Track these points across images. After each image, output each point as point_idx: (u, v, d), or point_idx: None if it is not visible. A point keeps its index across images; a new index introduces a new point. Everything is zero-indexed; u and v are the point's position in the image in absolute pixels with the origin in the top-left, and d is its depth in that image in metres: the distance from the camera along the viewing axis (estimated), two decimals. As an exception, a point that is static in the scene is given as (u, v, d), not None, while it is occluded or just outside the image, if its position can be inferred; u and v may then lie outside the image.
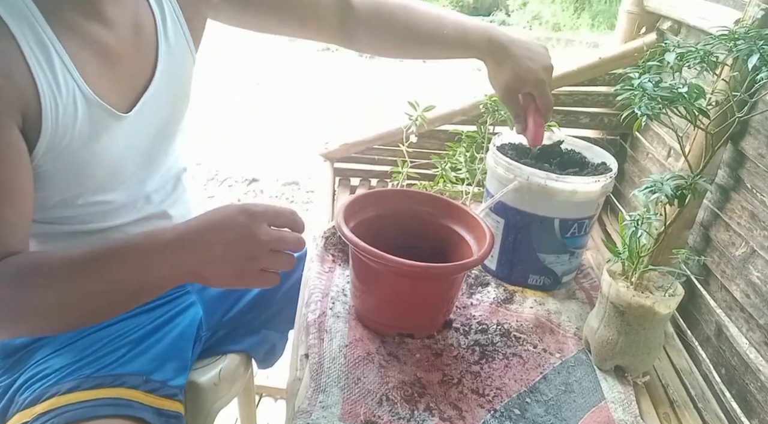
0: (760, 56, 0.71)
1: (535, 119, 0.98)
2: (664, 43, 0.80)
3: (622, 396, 0.85)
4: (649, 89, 0.76)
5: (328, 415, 0.75)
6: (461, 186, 1.19)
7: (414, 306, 0.89)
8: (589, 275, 1.12)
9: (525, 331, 0.94)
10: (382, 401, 0.78)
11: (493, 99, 1.12)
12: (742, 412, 0.88)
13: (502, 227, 1.02)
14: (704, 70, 0.77)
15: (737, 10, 0.97)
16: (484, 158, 1.11)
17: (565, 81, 1.34)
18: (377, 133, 1.39)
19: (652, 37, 1.30)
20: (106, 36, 0.76)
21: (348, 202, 0.92)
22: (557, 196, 0.96)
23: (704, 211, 1.02)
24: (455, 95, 1.39)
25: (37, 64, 0.68)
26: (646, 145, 1.30)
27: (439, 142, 1.36)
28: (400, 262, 0.80)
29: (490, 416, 0.79)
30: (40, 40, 0.69)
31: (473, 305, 1.00)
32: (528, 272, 1.04)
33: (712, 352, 0.97)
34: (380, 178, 1.42)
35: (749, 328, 0.89)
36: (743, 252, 0.92)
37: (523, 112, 0.99)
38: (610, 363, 0.89)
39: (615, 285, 0.84)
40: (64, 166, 0.75)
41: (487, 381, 0.84)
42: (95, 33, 0.75)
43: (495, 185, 1.02)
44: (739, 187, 0.94)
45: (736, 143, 0.94)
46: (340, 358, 0.84)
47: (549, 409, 0.81)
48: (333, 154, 1.41)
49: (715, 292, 0.99)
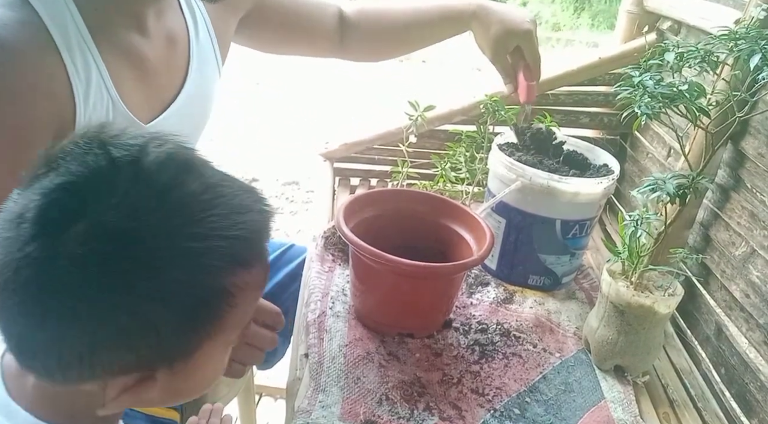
0: (761, 56, 0.71)
1: (525, 75, 1.00)
2: (663, 43, 0.79)
3: (621, 396, 0.85)
4: (650, 87, 0.76)
5: (328, 414, 0.74)
6: (461, 186, 1.19)
7: (414, 306, 0.89)
8: (589, 275, 1.12)
9: (525, 330, 0.94)
10: (381, 401, 0.78)
11: (494, 99, 1.12)
12: (741, 412, 0.88)
13: (504, 227, 1.02)
14: (704, 70, 0.77)
15: (737, 10, 0.97)
16: (484, 158, 1.11)
17: (565, 81, 1.33)
18: (377, 133, 1.39)
19: (652, 37, 1.30)
20: (144, 47, 0.77)
21: (348, 202, 0.92)
22: (560, 198, 0.96)
23: (704, 210, 1.02)
24: (455, 95, 1.39)
25: (77, 78, 0.69)
26: (646, 145, 1.30)
27: (439, 142, 1.36)
28: (399, 262, 0.80)
29: (490, 416, 0.78)
30: (83, 55, 0.69)
31: (473, 304, 1.00)
32: (528, 273, 1.04)
33: (711, 351, 0.97)
34: (380, 178, 1.42)
35: (749, 327, 0.89)
36: (743, 252, 0.92)
37: (513, 72, 1.01)
38: (610, 363, 0.89)
39: (615, 285, 0.84)
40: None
41: (487, 381, 0.84)
42: (134, 44, 0.76)
43: (497, 185, 1.02)
44: (739, 187, 0.94)
45: (736, 143, 0.94)
46: (340, 357, 0.84)
47: (549, 408, 0.81)
48: (333, 154, 1.41)
49: (714, 291, 0.99)
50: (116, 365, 0.44)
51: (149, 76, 0.78)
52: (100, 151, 0.43)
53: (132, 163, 0.43)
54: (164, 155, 0.45)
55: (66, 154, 0.44)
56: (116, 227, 0.41)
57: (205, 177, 0.46)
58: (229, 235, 0.44)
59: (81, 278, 0.40)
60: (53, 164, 0.44)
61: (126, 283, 0.41)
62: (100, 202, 0.41)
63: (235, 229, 0.45)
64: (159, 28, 0.79)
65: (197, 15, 0.86)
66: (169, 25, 0.81)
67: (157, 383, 0.47)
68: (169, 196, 0.43)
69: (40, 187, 0.43)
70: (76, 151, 0.44)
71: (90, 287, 0.41)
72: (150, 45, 0.78)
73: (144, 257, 0.42)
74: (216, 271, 0.44)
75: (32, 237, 0.41)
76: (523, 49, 0.99)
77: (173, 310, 0.43)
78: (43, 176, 0.43)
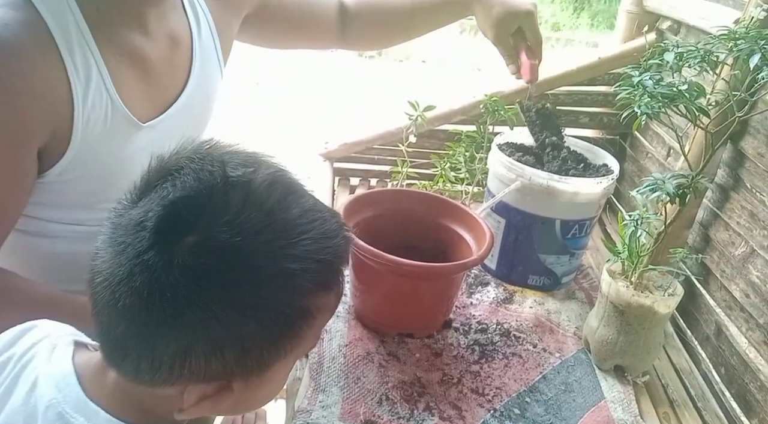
0: (761, 56, 0.71)
1: (528, 55, 1.01)
2: (663, 43, 0.79)
3: (621, 396, 0.85)
4: (649, 87, 0.76)
5: (328, 414, 0.74)
6: (461, 186, 1.19)
7: (414, 306, 0.89)
8: (589, 275, 1.12)
9: (525, 330, 0.94)
10: (381, 401, 0.78)
11: (493, 99, 1.12)
12: (741, 411, 0.88)
13: (503, 227, 1.02)
14: (704, 69, 0.77)
15: (737, 10, 0.97)
16: (483, 158, 1.11)
17: (565, 81, 1.33)
18: (377, 133, 1.39)
19: (652, 36, 1.30)
20: (146, 47, 0.77)
21: (348, 202, 0.92)
22: (559, 197, 0.96)
23: (704, 210, 1.02)
24: (455, 95, 1.39)
25: (76, 78, 0.69)
26: (645, 144, 1.30)
27: (439, 142, 1.35)
28: (399, 262, 0.80)
29: (490, 416, 0.78)
30: (83, 54, 0.69)
31: (473, 304, 1.00)
32: (528, 273, 1.04)
33: (711, 351, 0.97)
34: (380, 178, 1.42)
35: (749, 327, 0.89)
36: (743, 252, 0.92)
37: (516, 52, 1.02)
38: (610, 363, 0.89)
39: (615, 285, 0.84)
40: (89, 175, 0.75)
41: (487, 381, 0.84)
42: (136, 44, 0.76)
43: (496, 185, 1.02)
44: (739, 187, 0.94)
45: (735, 143, 0.94)
46: (340, 357, 0.84)
47: (549, 408, 0.81)
48: (333, 154, 1.41)
49: (714, 291, 0.99)
50: (203, 373, 0.46)
51: (151, 77, 0.78)
52: (214, 169, 0.46)
53: (245, 184, 0.46)
54: (271, 178, 0.48)
55: (181, 167, 0.47)
56: (226, 243, 0.43)
57: (302, 200, 0.49)
58: (319, 258, 0.47)
59: (189, 288, 0.42)
60: (169, 175, 0.46)
61: (228, 296, 0.44)
62: (213, 217, 0.44)
63: (323, 253, 0.47)
64: (161, 29, 0.79)
65: (200, 15, 0.86)
66: (172, 25, 0.81)
67: (233, 393, 0.49)
68: (274, 217, 0.46)
69: (160, 198, 0.45)
70: (191, 165, 0.46)
71: (196, 297, 0.43)
72: (152, 45, 0.78)
73: (247, 273, 0.44)
74: (305, 292, 0.47)
75: (151, 245, 0.43)
76: (525, 30, 1.00)
77: (262, 326, 0.45)
78: (160, 187, 0.46)
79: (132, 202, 0.47)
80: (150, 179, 0.48)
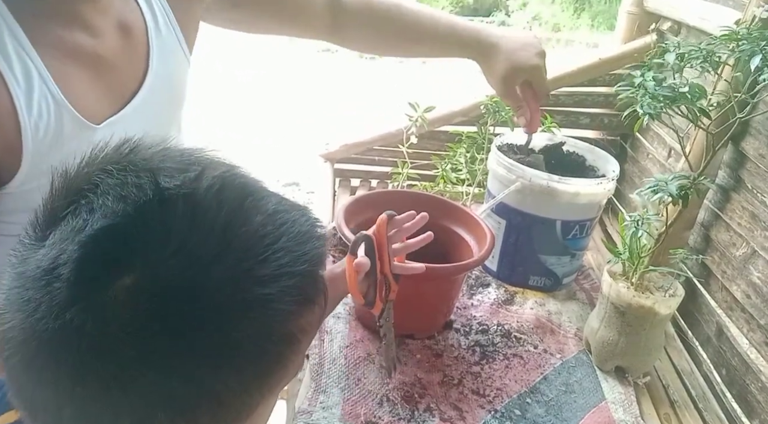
0: (762, 57, 0.71)
1: (531, 105, 0.98)
2: (664, 43, 0.79)
3: (622, 397, 0.85)
4: (650, 88, 0.76)
5: (329, 415, 0.74)
6: (461, 187, 1.19)
7: (414, 307, 0.89)
8: (590, 276, 1.12)
9: (525, 331, 0.94)
10: (382, 402, 0.78)
11: (494, 100, 1.12)
12: (742, 412, 0.88)
13: (504, 228, 1.02)
14: (705, 70, 0.77)
15: (737, 11, 0.97)
16: (484, 159, 1.11)
17: (565, 82, 1.34)
18: (377, 134, 1.39)
19: (653, 37, 1.30)
20: (93, 45, 0.74)
21: (348, 203, 0.92)
22: (559, 198, 0.96)
23: (705, 211, 1.02)
24: (455, 96, 1.39)
25: (18, 89, 0.67)
26: (646, 145, 1.30)
27: (440, 143, 1.36)
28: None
29: (491, 417, 0.78)
30: (22, 63, 0.67)
31: (474, 305, 1.00)
32: (529, 273, 1.04)
33: (712, 352, 0.97)
34: (380, 179, 1.42)
35: (750, 328, 0.89)
36: (744, 252, 0.92)
37: (523, 100, 0.98)
38: (611, 364, 0.89)
39: (615, 286, 0.84)
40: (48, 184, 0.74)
41: (488, 382, 0.84)
42: (80, 43, 0.73)
43: (497, 186, 1.02)
44: (740, 188, 0.94)
45: (736, 144, 0.94)
46: (341, 359, 0.84)
47: (549, 409, 0.81)
48: (333, 155, 1.41)
49: (715, 292, 0.99)
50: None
51: (104, 73, 0.75)
52: (142, 181, 0.35)
53: (186, 197, 0.35)
54: (220, 182, 0.37)
55: (96, 184, 0.36)
56: (174, 280, 0.34)
57: (263, 203, 0.39)
58: (295, 271, 0.38)
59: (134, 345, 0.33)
60: (81, 198, 0.36)
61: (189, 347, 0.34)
62: (151, 249, 0.34)
63: (300, 263, 0.38)
64: (107, 22, 0.76)
65: (153, 2, 0.83)
66: (120, 15, 0.78)
67: None
68: (232, 233, 0.36)
69: (73, 232, 0.34)
70: (108, 180, 0.36)
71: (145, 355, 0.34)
72: (99, 41, 0.75)
73: (209, 314, 0.34)
74: (285, 316, 0.38)
75: (71, 300, 0.33)
76: (532, 82, 0.96)
77: (239, 371, 0.37)
78: (71, 216, 0.35)
79: (37, 240, 0.36)
80: (55, 207, 0.36)
